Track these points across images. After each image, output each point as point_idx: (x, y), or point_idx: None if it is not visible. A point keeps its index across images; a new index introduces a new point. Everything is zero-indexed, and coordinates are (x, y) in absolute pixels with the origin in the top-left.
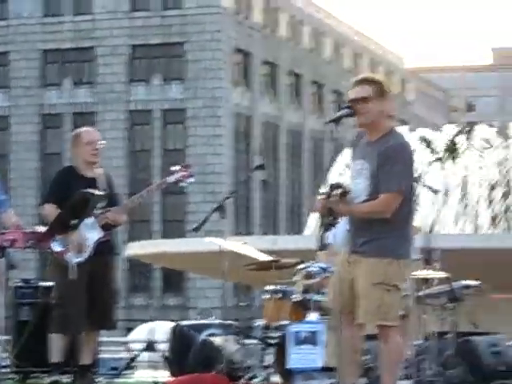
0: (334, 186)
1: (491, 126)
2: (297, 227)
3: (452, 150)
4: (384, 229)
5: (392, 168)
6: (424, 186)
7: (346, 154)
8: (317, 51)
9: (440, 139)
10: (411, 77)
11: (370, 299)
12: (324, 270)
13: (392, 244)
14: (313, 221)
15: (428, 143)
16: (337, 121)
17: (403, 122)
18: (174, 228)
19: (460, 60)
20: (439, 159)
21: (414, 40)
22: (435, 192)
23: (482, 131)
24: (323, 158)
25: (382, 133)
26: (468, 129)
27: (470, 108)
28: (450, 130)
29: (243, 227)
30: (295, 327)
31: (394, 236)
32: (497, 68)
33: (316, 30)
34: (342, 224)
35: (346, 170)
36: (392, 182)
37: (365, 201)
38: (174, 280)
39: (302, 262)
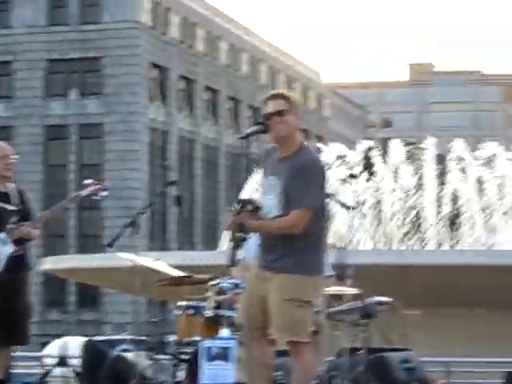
0: (244, 202)
1: (407, 141)
2: (212, 243)
3: (366, 165)
4: (296, 245)
5: (304, 184)
6: (337, 202)
7: (260, 170)
8: (233, 67)
9: (355, 155)
10: (328, 92)
11: (282, 315)
12: (236, 285)
13: (304, 260)
14: (227, 236)
15: (343, 159)
16: (249, 136)
17: (319, 138)
18: (90, 243)
19: (377, 76)
20: (353, 175)
21: (331, 56)
22: (348, 208)
23: (396, 147)
24: (239, 174)
25: (294, 148)
26: (383, 145)
27: (387, 124)
28: (365, 145)
29: (159, 242)
30: (207, 343)
31: (306, 252)
32: (413, 84)
33: (233, 46)
34: (254, 239)
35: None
36: (304, 198)
37: (276, 217)
38: (89, 295)
39: (215, 277)
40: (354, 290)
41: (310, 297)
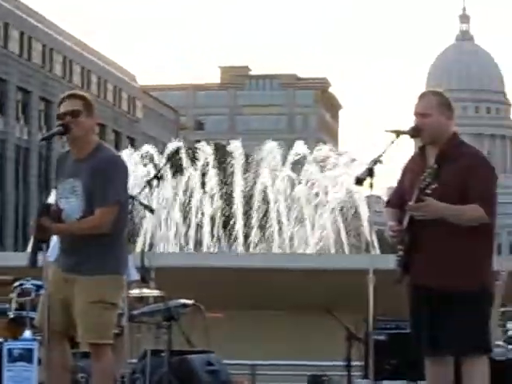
0: (46, 206)
1: (218, 144)
2: (24, 244)
3: (174, 167)
4: (99, 245)
5: (105, 181)
6: (141, 204)
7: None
8: (47, 67)
9: (163, 157)
10: (141, 94)
11: (87, 318)
12: (40, 287)
13: (107, 260)
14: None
15: (150, 160)
16: (50, 138)
17: (131, 140)
18: None
19: (190, 78)
20: (158, 177)
21: (145, 57)
22: (151, 211)
23: (206, 149)
24: (51, 175)
25: (91, 148)
26: (192, 147)
27: (199, 126)
28: (173, 147)
29: None
30: (9, 345)
31: (109, 252)
32: (226, 87)
33: (46, 47)
34: (55, 242)
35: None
36: (107, 194)
37: (80, 218)
38: None
39: (18, 279)
40: (157, 293)
41: (115, 298)
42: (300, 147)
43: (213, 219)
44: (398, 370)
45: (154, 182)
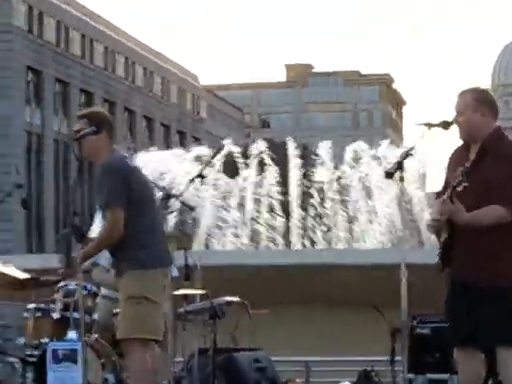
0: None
1: (285, 142)
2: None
3: (231, 167)
4: (122, 245)
5: (100, 188)
6: (181, 203)
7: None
8: (109, 69)
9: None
10: (205, 94)
11: (121, 314)
12: (84, 287)
13: (132, 257)
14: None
15: (199, 160)
16: (83, 138)
17: (196, 139)
18: None
19: (254, 77)
20: (202, 176)
21: (208, 57)
22: (192, 209)
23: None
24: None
25: (102, 160)
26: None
27: (265, 124)
28: (258, 147)
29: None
30: (54, 345)
31: (131, 249)
32: (290, 84)
33: (108, 48)
34: None
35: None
36: (104, 200)
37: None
38: None
39: (62, 279)
40: (201, 291)
41: (149, 292)
42: (358, 144)
43: (271, 218)
44: (441, 364)
45: (197, 180)
